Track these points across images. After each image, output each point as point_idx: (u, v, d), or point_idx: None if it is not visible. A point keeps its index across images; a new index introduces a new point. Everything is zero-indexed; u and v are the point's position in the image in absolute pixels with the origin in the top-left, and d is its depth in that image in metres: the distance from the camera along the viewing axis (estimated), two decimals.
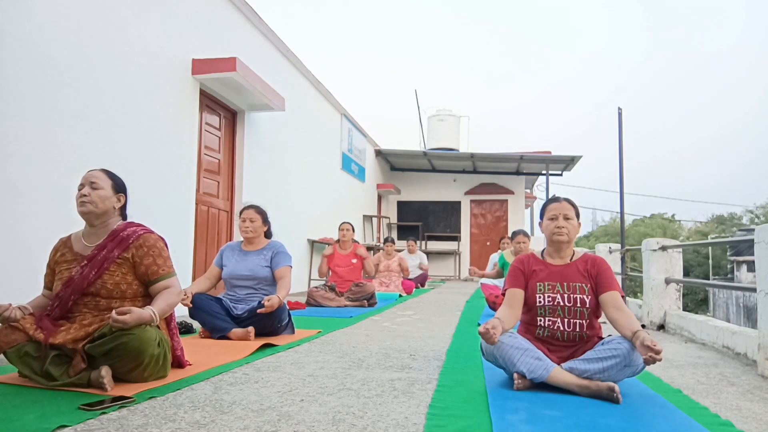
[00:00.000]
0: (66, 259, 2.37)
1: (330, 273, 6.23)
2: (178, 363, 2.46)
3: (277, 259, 3.72)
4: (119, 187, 2.44)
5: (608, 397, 2.04)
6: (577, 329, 2.29)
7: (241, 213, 3.82)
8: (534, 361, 2.16)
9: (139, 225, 2.45)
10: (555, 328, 2.30)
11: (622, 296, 2.36)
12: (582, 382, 2.11)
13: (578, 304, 2.29)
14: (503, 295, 2.54)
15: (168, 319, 2.46)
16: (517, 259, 2.54)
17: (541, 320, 2.33)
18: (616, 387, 2.04)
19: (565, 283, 2.33)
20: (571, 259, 2.43)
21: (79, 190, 2.34)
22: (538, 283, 2.37)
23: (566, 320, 2.29)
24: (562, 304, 2.30)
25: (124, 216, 2.49)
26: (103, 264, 2.29)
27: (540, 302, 2.33)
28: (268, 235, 3.89)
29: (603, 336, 2.34)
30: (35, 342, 2.13)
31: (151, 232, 2.44)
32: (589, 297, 2.30)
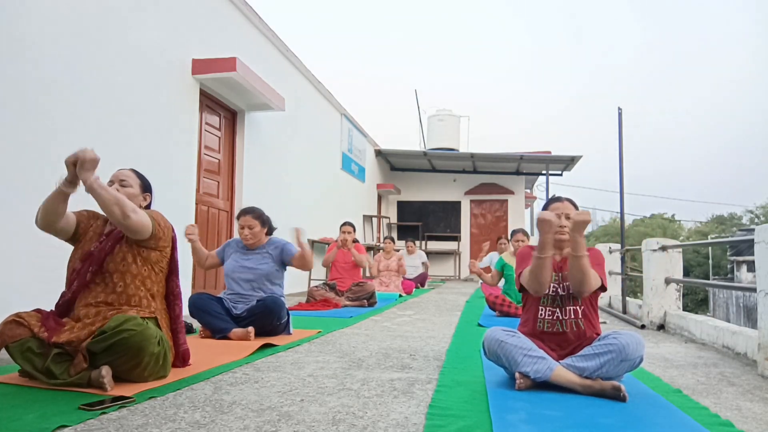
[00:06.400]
0: (93, 227, 2.45)
1: (329, 269, 6.23)
2: (183, 360, 2.47)
3: (287, 250, 3.75)
4: (146, 186, 2.57)
5: (613, 396, 2.05)
6: (573, 315, 2.33)
7: (238, 218, 3.78)
8: (537, 359, 2.18)
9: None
10: (555, 318, 2.34)
11: (605, 287, 2.38)
12: (585, 381, 2.13)
13: (572, 290, 2.35)
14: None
15: (172, 317, 2.47)
16: (525, 248, 2.57)
17: (542, 311, 2.37)
18: (622, 386, 2.05)
19: (561, 274, 2.40)
20: None
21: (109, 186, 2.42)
22: None
23: (563, 308, 2.35)
24: (560, 293, 2.37)
25: None
26: (118, 236, 2.36)
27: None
28: (269, 232, 3.87)
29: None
30: (39, 339, 2.15)
31: (159, 213, 2.52)
32: None
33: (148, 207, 2.58)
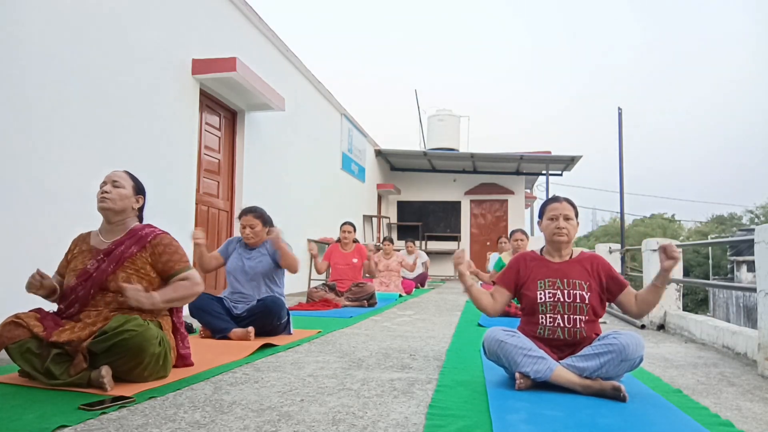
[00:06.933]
0: (81, 251, 2.45)
1: (330, 270, 6.23)
2: (183, 362, 2.47)
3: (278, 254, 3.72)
4: (139, 189, 2.54)
5: (613, 396, 2.05)
6: (577, 325, 2.28)
7: (240, 218, 3.79)
8: (537, 360, 2.17)
9: (155, 227, 2.52)
10: (555, 325, 2.30)
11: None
12: (585, 381, 2.12)
13: (577, 300, 2.30)
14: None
15: (173, 318, 2.47)
16: (518, 256, 2.55)
17: (542, 318, 2.32)
18: (622, 386, 2.05)
19: (565, 280, 2.35)
20: (571, 257, 2.45)
21: (101, 187, 2.43)
22: (538, 281, 2.38)
23: (566, 316, 2.30)
24: (562, 300, 2.31)
25: (140, 218, 2.57)
26: (120, 259, 2.35)
27: (541, 299, 2.33)
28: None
29: None
30: (38, 339, 2.15)
31: (167, 233, 2.52)
32: (588, 294, 2.31)
33: (141, 209, 2.55)
